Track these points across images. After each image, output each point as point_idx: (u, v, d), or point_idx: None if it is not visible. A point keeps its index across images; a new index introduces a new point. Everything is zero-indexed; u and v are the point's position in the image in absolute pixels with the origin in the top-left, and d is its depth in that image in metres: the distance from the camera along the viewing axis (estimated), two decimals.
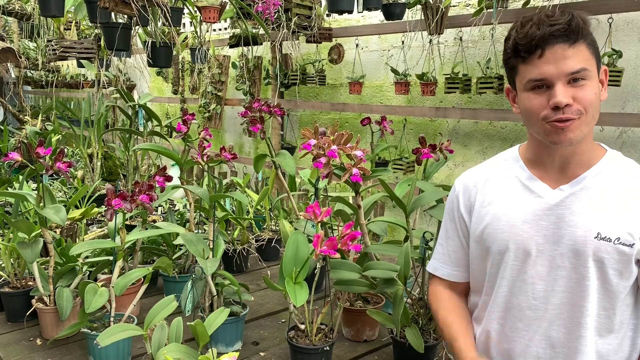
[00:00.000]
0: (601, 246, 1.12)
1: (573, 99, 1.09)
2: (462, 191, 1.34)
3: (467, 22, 3.02)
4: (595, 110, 1.13)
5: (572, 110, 1.10)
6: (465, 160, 3.51)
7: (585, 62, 1.10)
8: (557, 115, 1.10)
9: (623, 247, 1.11)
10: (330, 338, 1.82)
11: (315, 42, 3.71)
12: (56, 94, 6.39)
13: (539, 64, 1.11)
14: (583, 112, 1.10)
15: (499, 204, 1.24)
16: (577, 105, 1.10)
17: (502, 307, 1.25)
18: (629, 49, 2.79)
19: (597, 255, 1.12)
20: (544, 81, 1.11)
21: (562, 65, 1.09)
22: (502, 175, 1.28)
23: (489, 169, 1.33)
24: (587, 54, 1.11)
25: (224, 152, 2.06)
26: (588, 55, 1.11)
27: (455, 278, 1.38)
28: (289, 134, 4.66)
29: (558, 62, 1.09)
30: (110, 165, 4.06)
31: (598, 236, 1.12)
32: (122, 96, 3.04)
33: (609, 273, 1.12)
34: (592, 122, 1.13)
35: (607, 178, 1.16)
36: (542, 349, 1.19)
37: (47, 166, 1.88)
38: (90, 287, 1.82)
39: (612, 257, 1.11)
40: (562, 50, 1.09)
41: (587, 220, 1.14)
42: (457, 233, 1.35)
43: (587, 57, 1.11)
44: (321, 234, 1.57)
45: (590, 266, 1.13)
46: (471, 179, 1.34)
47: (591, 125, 1.14)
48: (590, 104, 1.11)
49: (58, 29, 4.26)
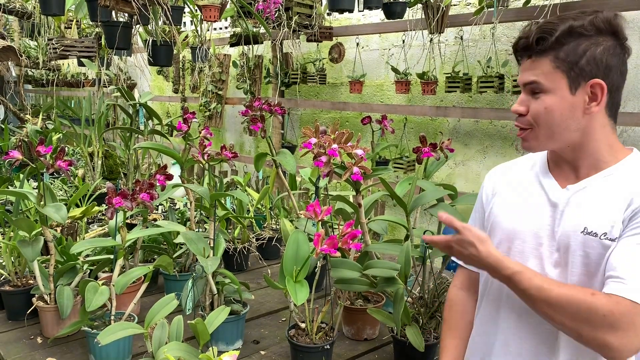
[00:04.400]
0: (587, 241, 1.12)
1: (528, 109, 1.16)
2: (487, 184, 1.38)
3: (467, 21, 3.01)
4: (551, 124, 1.14)
5: (524, 120, 1.18)
6: (465, 159, 3.51)
7: (540, 75, 1.13)
8: (515, 122, 1.21)
9: (608, 242, 1.11)
10: (331, 337, 1.82)
11: (315, 41, 3.71)
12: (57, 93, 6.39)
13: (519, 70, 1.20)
14: (533, 124, 1.16)
15: (510, 197, 1.28)
16: (529, 116, 1.16)
17: (497, 298, 1.27)
18: None
19: (583, 250, 1.13)
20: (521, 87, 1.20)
21: (521, 77, 1.17)
22: (524, 170, 1.31)
23: (515, 165, 1.36)
24: (547, 68, 1.12)
25: (225, 150, 2.06)
26: (548, 70, 1.12)
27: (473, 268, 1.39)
28: (290, 133, 4.66)
29: (522, 72, 1.17)
30: (110, 163, 4.06)
31: (584, 230, 1.13)
32: (122, 95, 3.04)
33: (594, 268, 1.13)
34: (552, 135, 1.15)
35: (615, 180, 1.16)
36: (533, 342, 1.21)
37: (48, 165, 1.88)
38: (91, 285, 1.83)
39: (597, 252, 1.12)
40: (525, 63, 1.17)
41: (576, 216, 1.15)
42: (479, 222, 1.39)
43: (547, 71, 1.12)
44: (322, 233, 1.57)
45: (576, 261, 1.14)
46: (497, 173, 1.38)
47: (554, 139, 1.16)
48: (538, 116, 1.14)
49: (59, 27, 4.27)
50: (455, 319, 1.41)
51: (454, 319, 1.41)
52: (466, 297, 1.42)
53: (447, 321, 1.42)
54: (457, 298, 1.43)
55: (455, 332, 1.39)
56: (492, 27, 3.14)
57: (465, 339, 1.39)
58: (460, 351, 1.37)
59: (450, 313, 1.42)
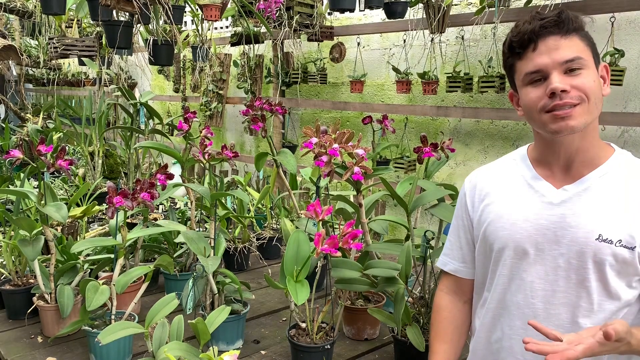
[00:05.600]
0: (602, 248, 1.11)
1: (571, 86, 1.10)
2: (470, 189, 1.35)
3: (468, 20, 3.01)
4: (597, 98, 1.12)
5: (571, 95, 1.10)
6: (466, 159, 3.50)
7: (579, 51, 1.11)
8: (554, 101, 1.10)
9: (624, 249, 1.10)
10: (331, 336, 1.82)
11: (316, 40, 3.71)
12: (57, 92, 6.39)
13: (533, 57, 1.13)
14: (584, 99, 1.10)
15: (503, 202, 1.25)
16: (575, 91, 1.10)
17: (501, 305, 1.25)
18: (631, 48, 2.78)
19: (597, 256, 1.11)
20: (540, 73, 1.12)
21: (556, 55, 1.10)
22: (509, 173, 1.28)
23: (497, 168, 1.33)
24: (581, 45, 1.12)
25: (225, 150, 2.06)
26: (582, 47, 1.12)
27: (462, 274, 1.39)
28: (290, 133, 4.66)
29: (551, 53, 1.10)
30: (111, 163, 4.06)
31: (599, 238, 1.11)
32: (123, 94, 3.04)
33: (609, 275, 1.11)
34: (594, 111, 1.12)
35: (612, 179, 1.15)
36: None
37: (49, 164, 1.88)
38: (92, 284, 1.82)
39: (612, 259, 1.10)
40: (555, 41, 1.11)
41: (588, 222, 1.13)
42: (464, 229, 1.37)
43: (582, 48, 1.12)
44: (322, 233, 1.57)
45: (590, 267, 1.12)
46: (479, 178, 1.34)
47: (594, 114, 1.13)
48: (590, 90, 1.10)
49: (59, 26, 4.26)
50: (443, 324, 1.40)
51: (442, 324, 1.40)
52: (453, 301, 1.41)
53: (435, 326, 1.41)
54: (444, 302, 1.42)
55: (443, 337, 1.38)
56: (493, 26, 3.13)
57: (454, 343, 1.38)
58: (450, 355, 1.36)
59: (438, 318, 1.41)
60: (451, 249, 1.41)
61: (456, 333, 1.39)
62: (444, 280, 1.45)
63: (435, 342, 1.38)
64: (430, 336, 1.42)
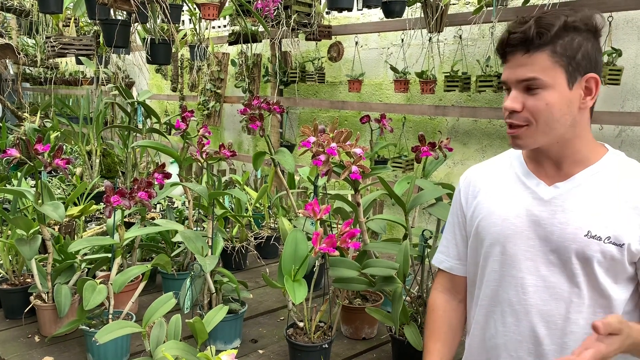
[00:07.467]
0: (590, 244, 1.12)
1: (524, 106, 1.12)
2: (464, 186, 1.36)
3: (466, 20, 3.01)
4: (550, 120, 1.11)
5: (519, 117, 1.13)
6: (464, 159, 3.51)
7: (539, 71, 1.10)
8: (506, 119, 1.16)
9: (612, 246, 1.11)
10: (329, 336, 1.82)
11: (314, 39, 3.71)
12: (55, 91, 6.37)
13: (505, 68, 1.17)
14: (532, 121, 1.12)
15: (494, 198, 1.26)
16: (525, 113, 1.12)
17: (493, 302, 1.26)
18: (628, 48, 2.79)
19: (586, 253, 1.12)
20: (506, 84, 1.16)
21: (516, 72, 1.13)
22: (502, 170, 1.30)
23: (491, 165, 1.35)
24: (547, 63, 1.09)
25: (223, 149, 2.06)
26: (548, 65, 1.09)
27: (456, 271, 1.39)
28: (288, 132, 4.66)
29: (515, 69, 1.13)
30: (109, 162, 4.06)
31: (588, 234, 1.12)
32: (120, 93, 3.03)
33: (598, 272, 1.12)
34: (549, 131, 1.13)
35: (604, 178, 1.16)
36: (532, 344, 1.20)
37: (46, 163, 1.88)
38: (89, 284, 1.82)
39: (600, 256, 1.11)
40: (518, 59, 1.12)
41: (578, 218, 1.14)
42: (459, 226, 1.38)
43: (545, 67, 1.09)
44: (320, 232, 1.57)
45: (578, 263, 1.13)
46: (473, 175, 1.36)
47: (549, 135, 1.13)
48: (538, 113, 1.11)
49: (57, 25, 4.25)
50: (437, 323, 1.40)
51: (436, 323, 1.40)
52: (447, 300, 1.41)
53: (429, 325, 1.41)
54: (439, 301, 1.42)
55: (437, 336, 1.38)
56: (491, 26, 3.14)
57: (447, 342, 1.38)
58: (444, 354, 1.36)
59: (432, 317, 1.41)
60: (447, 246, 1.41)
61: (450, 332, 1.39)
62: (439, 278, 1.45)
63: (430, 342, 1.39)
64: (425, 335, 1.42)
